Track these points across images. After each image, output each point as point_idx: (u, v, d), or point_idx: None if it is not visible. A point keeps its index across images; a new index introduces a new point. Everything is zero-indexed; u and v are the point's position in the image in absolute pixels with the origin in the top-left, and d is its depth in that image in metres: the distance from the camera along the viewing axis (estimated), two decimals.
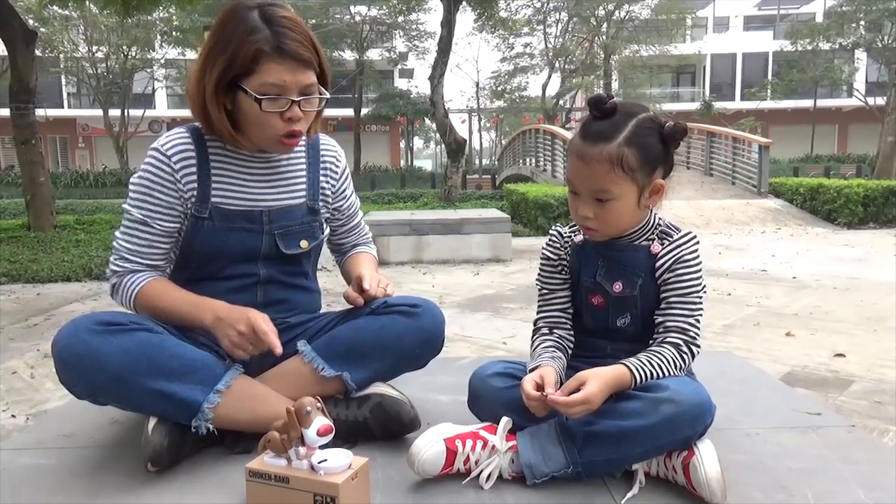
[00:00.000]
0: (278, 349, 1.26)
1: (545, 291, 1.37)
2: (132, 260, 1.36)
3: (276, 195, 1.42)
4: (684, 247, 1.25)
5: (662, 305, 1.25)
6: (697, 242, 1.27)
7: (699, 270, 1.25)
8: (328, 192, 1.51)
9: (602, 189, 1.20)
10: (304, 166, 1.47)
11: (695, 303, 1.24)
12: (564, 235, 1.36)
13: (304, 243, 1.44)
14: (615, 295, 1.27)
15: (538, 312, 1.38)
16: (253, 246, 1.39)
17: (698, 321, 1.24)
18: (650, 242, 1.27)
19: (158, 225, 1.35)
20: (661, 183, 1.23)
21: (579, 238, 1.33)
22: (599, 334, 1.32)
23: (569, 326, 1.35)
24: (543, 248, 1.38)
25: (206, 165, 1.36)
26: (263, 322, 1.26)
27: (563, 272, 1.35)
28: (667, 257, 1.25)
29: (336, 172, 1.53)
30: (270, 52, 1.25)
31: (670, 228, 1.29)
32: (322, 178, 1.49)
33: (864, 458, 1.30)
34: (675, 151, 1.25)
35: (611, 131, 1.18)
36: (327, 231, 1.53)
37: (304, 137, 1.46)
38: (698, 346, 1.24)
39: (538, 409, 1.16)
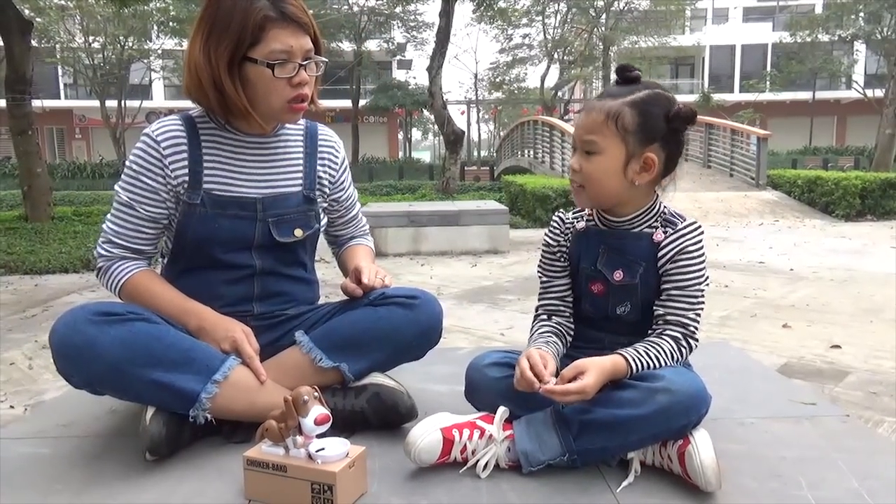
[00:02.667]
0: (263, 377, 1.30)
1: (545, 279, 1.37)
2: (119, 244, 1.37)
3: (270, 182, 1.42)
4: (688, 237, 1.23)
5: (663, 297, 1.24)
6: (702, 232, 1.25)
7: (702, 262, 1.23)
8: (325, 183, 1.50)
9: (589, 139, 1.21)
10: (300, 155, 1.47)
11: (696, 296, 1.23)
12: (566, 221, 1.36)
13: (298, 232, 1.43)
14: (616, 283, 1.27)
15: (538, 299, 1.38)
16: (246, 233, 1.38)
17: (699, 315, 1.24)
18: (653, 230, 1.26)
19: (143, 209, 1.35)
20: (652, 157, 1.21)
21: (581, 225, 1.33)
22: (599, 322, 1.32)
23: (568, 314, 1.35)
24: (545, 234, 1.37)
25: (198, 152, 1.36)
26: (248, 345, 1.31)
27: (563, 259, 1.35)
28: (670, 247, 1.23)
29: (335, 163, 1.53)
30: (276, 18, 1.27)
31: (675, 217, 1.27)
32: (319, 168, 1.49)
33: (858, 447, 1.30)
34: (681, 139, 1.24)
35: (622, 92, 1.21)
36: (324, 221, 1.52)
37: (301, 125, 1.47)
38: (697, 340, 1.24)
39: (524, 385, 1.15)
